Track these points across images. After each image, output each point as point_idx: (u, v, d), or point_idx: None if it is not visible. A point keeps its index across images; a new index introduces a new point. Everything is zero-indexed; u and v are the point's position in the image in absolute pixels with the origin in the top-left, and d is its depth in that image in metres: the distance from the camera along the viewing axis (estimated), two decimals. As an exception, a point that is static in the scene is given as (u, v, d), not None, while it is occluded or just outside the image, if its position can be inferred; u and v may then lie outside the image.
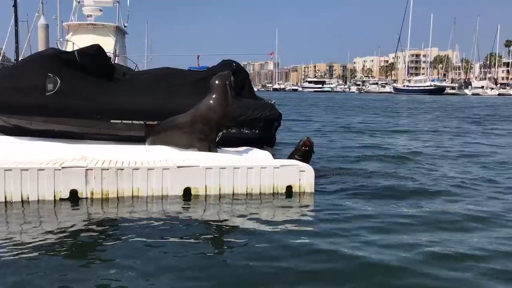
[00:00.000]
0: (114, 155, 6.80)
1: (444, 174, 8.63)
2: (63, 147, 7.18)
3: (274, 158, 7.64)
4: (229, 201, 6.29)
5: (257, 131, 8.99)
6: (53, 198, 6.02)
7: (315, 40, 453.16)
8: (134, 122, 8.54)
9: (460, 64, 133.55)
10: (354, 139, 14.77)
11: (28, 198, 5.97)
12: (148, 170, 6.27)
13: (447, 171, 8.93)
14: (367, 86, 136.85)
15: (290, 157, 7.95)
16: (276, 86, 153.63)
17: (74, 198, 6.05)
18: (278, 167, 6.76)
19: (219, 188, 6.51)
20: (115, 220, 5.43)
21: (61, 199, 6.03)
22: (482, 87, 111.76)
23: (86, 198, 6.10)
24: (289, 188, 6.78)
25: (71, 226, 5.16)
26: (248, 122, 8.92)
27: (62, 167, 6.06)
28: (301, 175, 6.83)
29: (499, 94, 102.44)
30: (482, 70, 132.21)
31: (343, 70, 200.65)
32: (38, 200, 5.97)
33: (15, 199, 5.93)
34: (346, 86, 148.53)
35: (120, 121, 8.54)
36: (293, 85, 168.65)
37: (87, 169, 6.11)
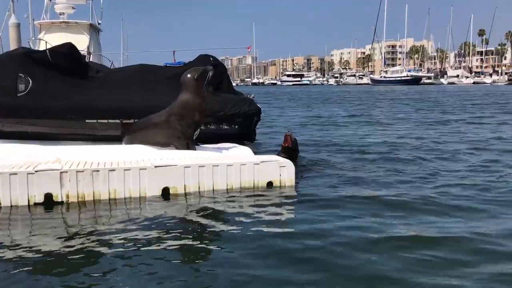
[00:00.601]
0: (90, 156, 6.60)
1: (428, 166, 8.62)
2: (37, 150, 6.95)
3: (255, 153, 7.53)
4: (209, 200, 6.15)
5: (236, 126, 8.88)
6: (27, 203, 5.80)
7: (293, 33, 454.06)
8: (110, 121, 8.36)
9: (435, 54, 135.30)
10: (335, 132, 14.75)
11: (0, 203, 5.75)
12: (124, 171, 6.09)
13: (432, 163, 8.89)
14: (345, 78, 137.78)
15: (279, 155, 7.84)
16: (255, 80, 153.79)
17: (49, 202, 5.84)
18: (258, 163, 6.66)
19: (199, 186, 6.38)
20: (92, 224, 5.25)
21: (35, 204, 5.82)
22: (457, 76, 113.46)
23: (62, 202, 5.90)
24: (270, 184, 6.69)
25: (47, 232, 4.98)
26: (227, 118, 8.80)
27: (36, 171, 5.86)
28: (281, 171, 6.74)
29: (474, 83, 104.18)
30: (457, 59, 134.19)
31: (321, 63, 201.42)
32: (11, 206, 5.75)
33: (-14, 205, 5.71)
34: (324, 79, 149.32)
35: (95, 121, 8.35)
36: (271, 79, 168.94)
37: (61, 172, 5.91)
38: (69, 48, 8.76)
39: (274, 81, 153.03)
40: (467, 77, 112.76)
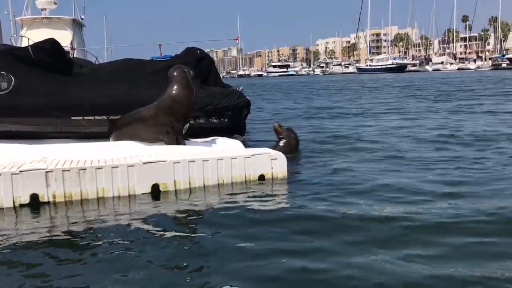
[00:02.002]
0: (76, 155, 6.44)
1: (420, 156, 8.55)
2: (21, 149, 6.77)
3: (246, 146, 7.42)
4: (201, 196, 6.03)
5: (226, 120, 8.77)
6: (12, 205, 5.63)
7: (277, 24, 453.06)
8: (97, 117, 8.20)
9: (419, 41, 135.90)
10: (326, 123, 14.64)
11: (-16, 206, 5.58)
12: (112, 169, 5.93)
13: (424, 154, 8.80)
14: (331, 68, 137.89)
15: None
16: (241, 72, 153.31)
17: (35, 203, 5.67)
18: (249, 157, 6.55)
19: (189, 182, 6.25)
20: (80, 224, 5.10)
21: (21, 205, 5.65)
22: (442, 62, 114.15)
23: (48, 202, 5.73)
24: (261, 177, 6.58)
25: (33, 233, 4.82)
26: (217, 111, 8.68)
27: (20, 171, 5.68)
28: (273, 163, 6.64)
29: (458, 69, 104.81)
30: (441, 46, 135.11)
31: (306, 53, 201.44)
32: (-4, 208, 5.58)
33: (-30, 208, 5.54)
34: (310, 69, 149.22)
35: (81, 118, 8.19)
36: (258, 70, 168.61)
37: (47, 171, 5.74)
38: (51, 43, 8.54)
39: (260, 73, 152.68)
40: (451, 63, 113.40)
